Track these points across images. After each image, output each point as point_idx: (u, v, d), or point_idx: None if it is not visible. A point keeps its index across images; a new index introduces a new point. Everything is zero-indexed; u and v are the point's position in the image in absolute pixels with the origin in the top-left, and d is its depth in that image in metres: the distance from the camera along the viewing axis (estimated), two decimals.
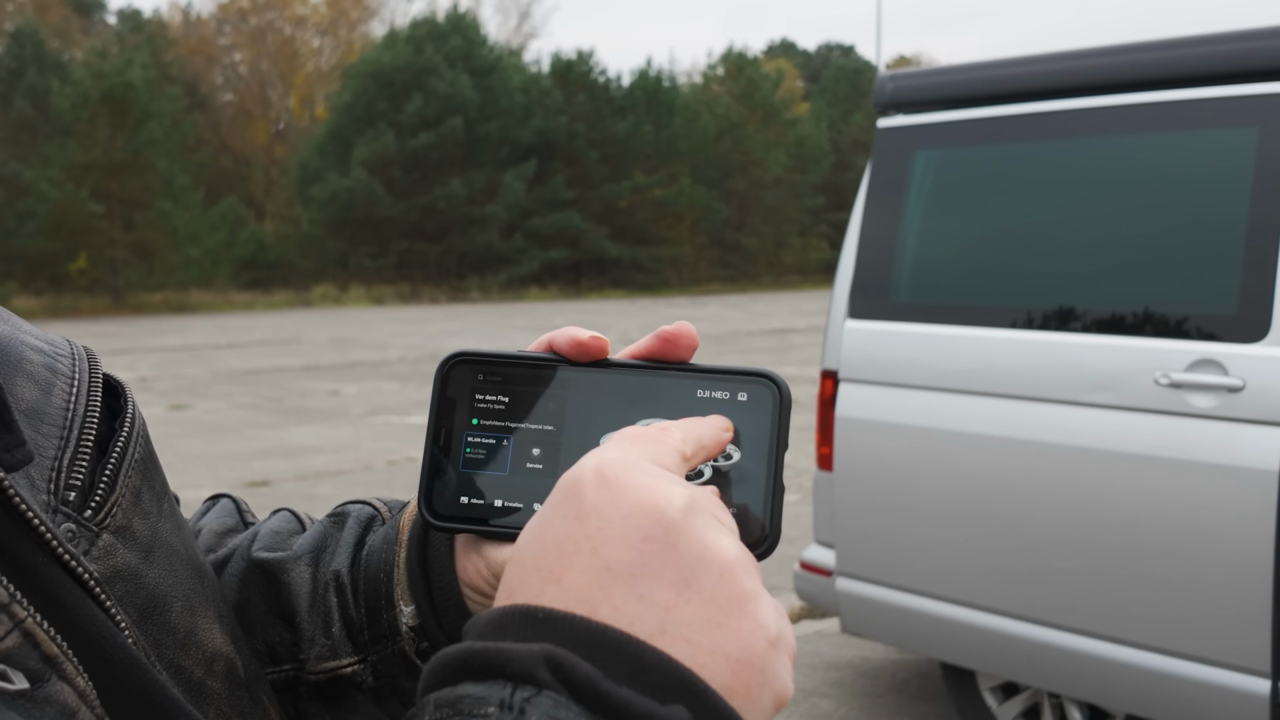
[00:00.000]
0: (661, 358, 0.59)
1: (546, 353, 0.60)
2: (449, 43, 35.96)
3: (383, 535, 0.68)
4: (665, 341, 0.58)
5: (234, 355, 17.07)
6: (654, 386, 0.58)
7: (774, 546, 0.54)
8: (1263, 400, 2.67)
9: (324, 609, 0.68)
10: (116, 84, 29.14)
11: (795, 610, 5.12)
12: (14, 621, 0.46)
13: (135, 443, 0.62)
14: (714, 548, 0.42)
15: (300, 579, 0.69)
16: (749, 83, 41.99)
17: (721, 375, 0.58)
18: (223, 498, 0.82)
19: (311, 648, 0.68)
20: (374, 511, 0.72)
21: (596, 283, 37.69)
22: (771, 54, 55.43)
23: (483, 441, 0.59)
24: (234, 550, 0.73)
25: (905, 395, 3.36)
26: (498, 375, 0.60)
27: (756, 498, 0.55)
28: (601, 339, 0.59)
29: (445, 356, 0.61)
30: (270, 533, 0.74)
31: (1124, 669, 2.91)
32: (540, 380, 0.59)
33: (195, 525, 0.78)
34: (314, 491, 7.60)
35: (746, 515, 0.54)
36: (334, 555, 0.69)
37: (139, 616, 0.56)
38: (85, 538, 0.55)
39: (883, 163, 3.56)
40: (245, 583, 0.71)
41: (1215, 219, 2.89)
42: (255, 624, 0.69)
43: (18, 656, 0.46)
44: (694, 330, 0.59)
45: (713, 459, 0.54)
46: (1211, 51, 2.88)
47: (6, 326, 0.61)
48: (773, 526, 0.54)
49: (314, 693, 0.68)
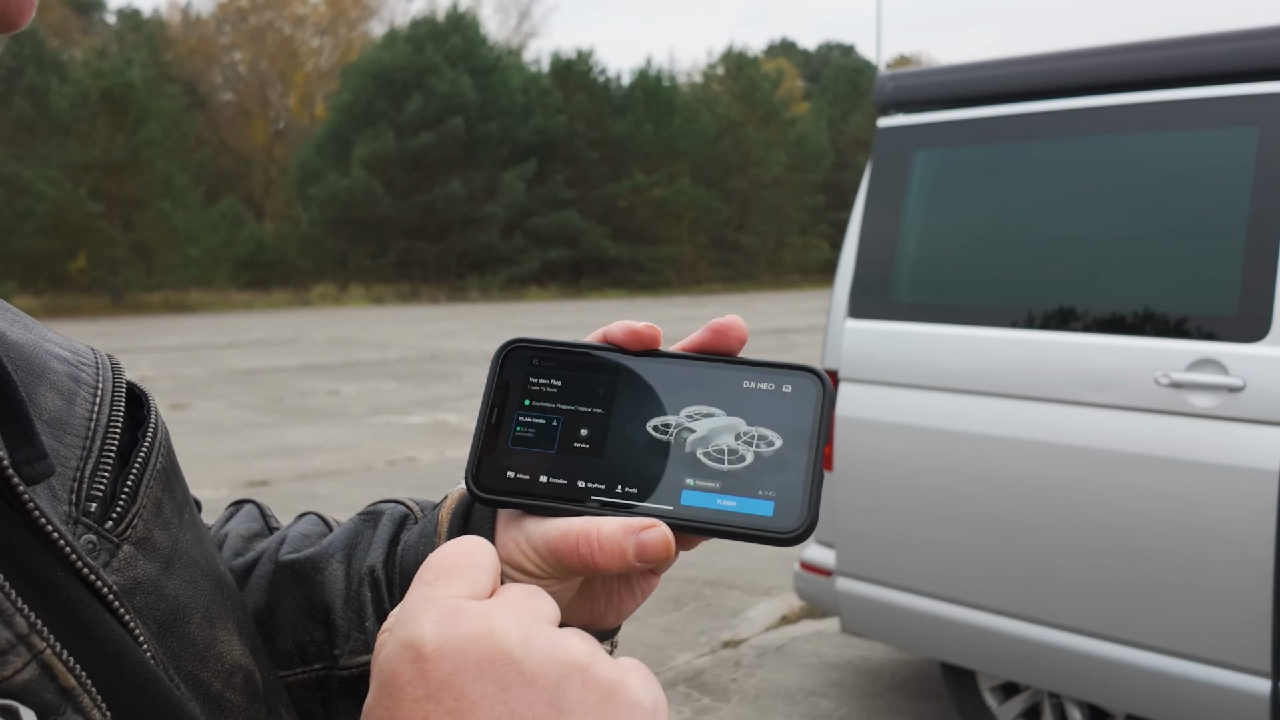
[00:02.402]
0: (712, 349, 0.61)
1: (601, 342, 0.63)
2: (449, 42, 35.96)
3: (419, 530, 0.69)
4: (716, 333, 0.60)
5: (233, 355, 17.07)
6: (702, 376, 0.61)
7: (811, 530, 0.57)
8: (1263, 400, 2.67)
9: (358, 604, 0.68)
10: (116, 83, 29.12)
11: (795, 610, 5.12)
12: (32, 653, 0.46)
13: (158, 452, 0.62)
14: (566, 659, 0.42)
15: (334, 575, 0.70)
16: (749, 82, 42.00)
17: (768, 368, 0.60)
18: (247, 503, 0.82)
19: (346, 643, 0.68)
20: (407, 510, 0.73)
21: (596, 282, 37.69)
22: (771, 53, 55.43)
23: (533, 421, 0.62)
24: (261, 554, 0.74)
25: (905, 395, 3.35)
26: (552, 361, 0.63)
27: (796, 485, 0.57)
28: (654, 328, 0.61)
29: (504, 342, 0.64)
30: (299, 536, 0.74)
31: (1124, 669, 2.91)
32: (592, 367, 0.62)
33: (220, 531, 0.78)
34: (314, 491, 7.59)
35: (786, 501, 0.57)
36: (368, 552, 0.70)
37: (158, 629, 0.56)
38: (106, 549, 0.55)
39: (883, 162, 3.56)
40: (274, 584, 0.71)
41: (1215, 219, 2.89)
42: (285, 624, 0.70)
43: (34, 689, 0.46)
44: (743, 325, 0.61)
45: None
46: (1211, 51, 2.88)
47: (30, 335, 0.61)
48: (810, 511, 0.57)
49: (345, 689, 0.68)
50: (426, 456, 8.91)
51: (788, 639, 4.80)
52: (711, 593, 5.42)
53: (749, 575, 5.65)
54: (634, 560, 0.53)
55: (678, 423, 0.59)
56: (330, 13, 47.28)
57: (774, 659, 4.56)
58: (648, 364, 0.61)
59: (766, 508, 0.57)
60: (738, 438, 0.59)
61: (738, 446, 0.58)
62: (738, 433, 0.59)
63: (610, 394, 0.61)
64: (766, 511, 0.57)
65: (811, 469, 0.57)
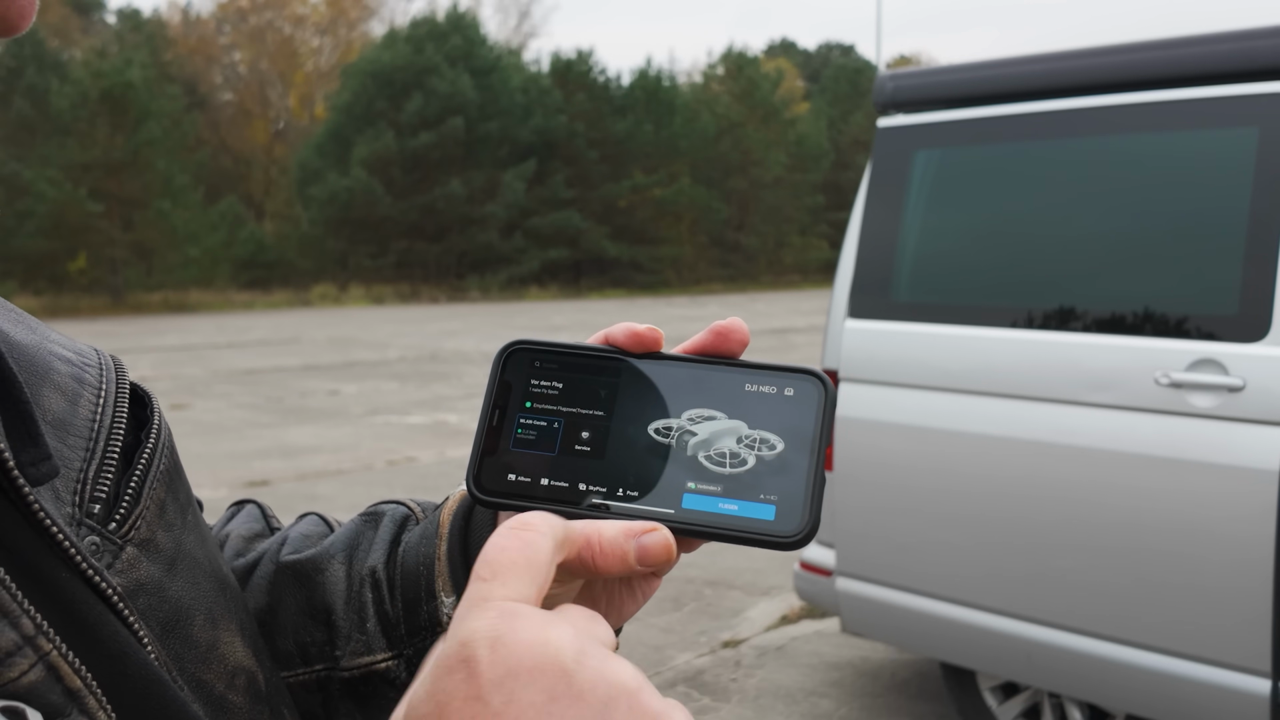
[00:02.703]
0: (714, 351, 0.61)
1: (602, 344, 0.63)
2: (449, 42, 35.96)
3: (420, 531, 0.69)
4: (718, 335, 0.61)
5: (233, 355, 17.07)
6: (704, 379, 0.60)
7: (813, 535, 0.57)
8: (1263, 400, 2.67)
9: (359, 605, 0.68)
10: (116, 83, 29.12)
11: (795, 610, 5.12)
12: (39, 655, 0.46)
13: (161, 454, 0.62)
14: (616, 681, 0.42)
15: (335, 576, 0.69)
16: (749, 82, 41.99)
17: (770, 371, 0.60)
18: (248, 503, 0.82)
19: (347, 644, 0.68)
20: (408, 511, 0.73)
21: (596, 282, 37.68)
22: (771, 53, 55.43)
23: (535, 424, 0.61)
24: (262, 554, 0.74)
25: (905, 395, 3.35)
26: (554, 363, 0.62)
27: (798, 488, 0.57)
28: (656, 330, 0.61)
29: (506, 343, 0.63)
30: (300, 536, 0.74)
31: (1124, 669, 2.91)
32: (594, 369, 0.62)
33: (221, 531, 0.78)
34: (313, 491, 7.59)
35: (788, 505, 0.57)
36: (369, 552, 0.70)
37: (161, 630, 0.56)
38: (109, 551, 0.55)
39: (883, 162, 3.56)
40: (276, 585, 0.71)
41: (1215, 218, 2.89)
42: (287, 625, 0.69)
43: (40, 691, 0.46)
44: (745, 327, 0.61)
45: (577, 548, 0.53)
46: (1211, 51, 2.88)
47: (34, 336, 0.61)
48: (812, 516, 0.57)
49: (346, 691, 0.68)
50: (426, 456, 8.91)
51: (788, 639, 4.80)
52: (711, 593, 5.42)
53: (749, 575, 5.65)
54: (635, 564, 0.53)
55: (679, 426, 0.59)
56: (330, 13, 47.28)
57: (774, 659, 4.56)
58: (650, 366, 0.61)
59: (768, 511, 0.57)
60: (739, 441, 0.59)
61: (739, 450, 0.58)
62: (739, 436, 0.59)
63: (612, 396, 0.61)
64: (768, 515, 0.57)
65: (813, 473, 0.57)
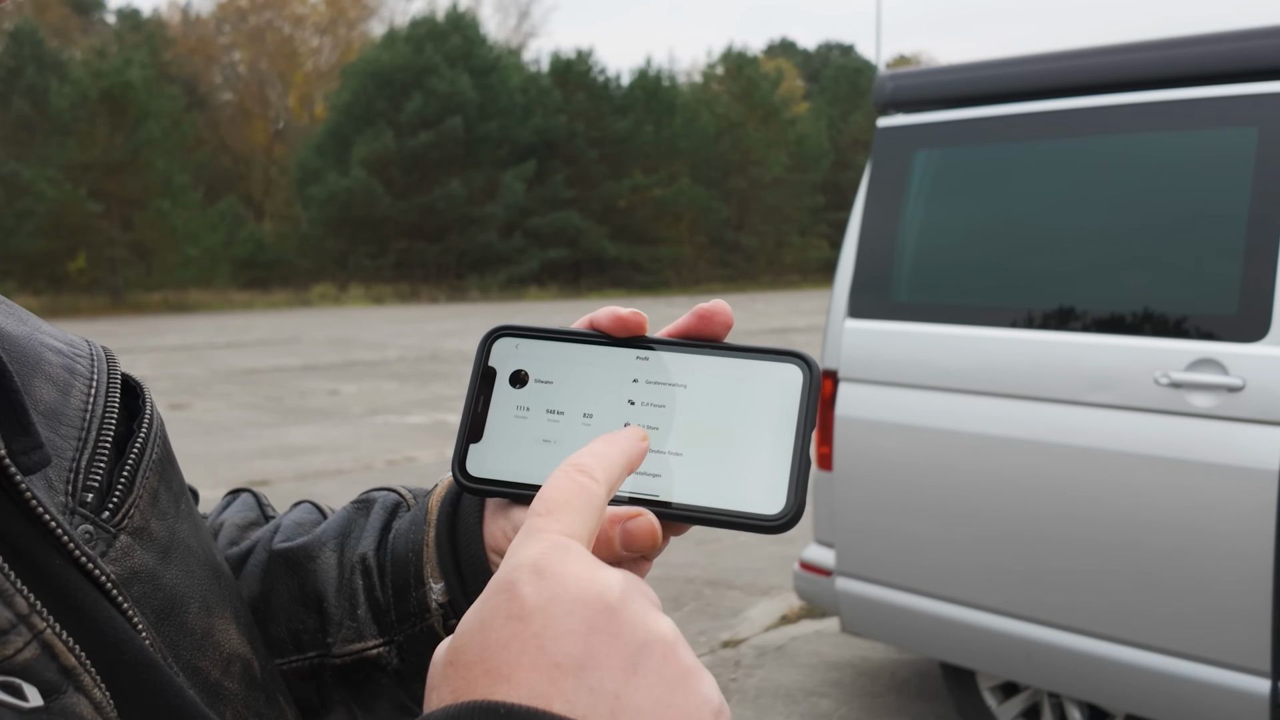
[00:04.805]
0: (698, 335, 0.61)
1: (587, 329, 0.62)
2: (448, 42, 35.95)
3: (410, 518, 0.69)
4: (701, 319, 0.60)
5: (233, 355, 17.06)
6: (687, 362, 0.60)
7: (798, 519, 0.56)
8: (1263, 400, 2.67)
9: (350, 592, 0.68)
10: (115, 83, 29.11)
11: (795, 610, 5.12)
12: (33, 633, 0.46)
13: (153, 443, 0.62)
14: (654, 629, 0.42)
15: (326, 563, 0.70)
16: (749, 82, 41.97)
17: (754, 354, 0.59)
18: (243, 492, 0.82)
19: (338, 631, 0.68)
20: (399, 498, 0.73)
21: (596, 282, 37.68)
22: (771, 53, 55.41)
23: (519, 409, 0.61)
24: (256, 542, 0.74)
25: (905, 395, 3.35)
26: (538, 348, 0.62)
27: (782, 471, 0.57)
28: (640, 314, 0.61)
29: (489, 329, 0.63)
30: (293, 524, 0.74)
31: (1124, 669, 2.91)
32: (578, 354, 0.61)
33: (216, 520, 0.79)
34: (313, 491, 7.59)
35: (772, 488, 0.57)
36: (360, 539, 0.70)
37: (156, 618, 0.56)
38: (103, 539, 0.55)
39: (883, 162, 3.56)
40: (269, 573, 0.71)
41: (1215, 218, 2.89)
42: (279, 612, 0.70)
43: (36, 669, 0.46)
44: (729, 309, 0.61)
45: (635, 470, 0.53)
46: (1211, 51, 2.88)
47: (25, 327, 0.62)
48: (797, 499, 0.56)
49: (338, 677, 0.69)
50: (426, 456, 8.91)
51: (787, 639, 4.80)
52: (711, 593, 5.42)
53: (749, 575, 5.65)
54: (621, 549, 0.53)
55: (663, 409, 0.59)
56: (330, 13, 47.28)
57: (774, 659, 4.56)
58: (634, 350, 0.61)
59: (753, 495, 0.57)
60: (723, 424, 0.58)
61: (723, 433, 0.58)
62: (723, 419, 0.58)
63: (596, 380, 0.61)
64: (753, 499, 0.57)
65: (798, 455, 0.57)
